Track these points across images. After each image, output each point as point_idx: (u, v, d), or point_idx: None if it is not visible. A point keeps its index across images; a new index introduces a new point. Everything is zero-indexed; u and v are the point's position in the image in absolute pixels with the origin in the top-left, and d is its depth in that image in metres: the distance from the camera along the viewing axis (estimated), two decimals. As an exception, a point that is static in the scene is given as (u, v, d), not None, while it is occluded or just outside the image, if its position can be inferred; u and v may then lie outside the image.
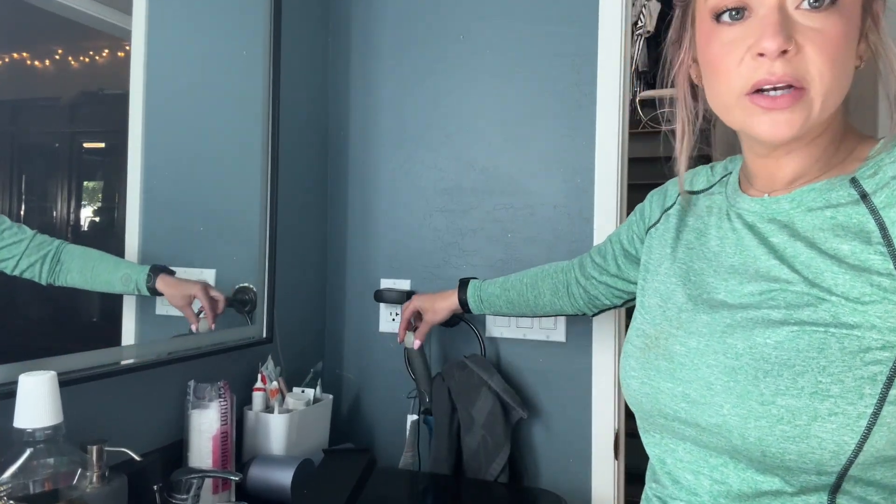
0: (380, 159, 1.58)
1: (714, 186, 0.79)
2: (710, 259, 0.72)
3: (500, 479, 1.30)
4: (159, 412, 1.13)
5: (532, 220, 1.45)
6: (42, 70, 0.92)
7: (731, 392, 0.61)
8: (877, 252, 0.58)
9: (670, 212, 0.83)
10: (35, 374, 0.77)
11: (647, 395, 0.70)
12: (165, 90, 1.11)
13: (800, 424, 0.57)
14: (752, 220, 0.69)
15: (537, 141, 1.45)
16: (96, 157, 1.03)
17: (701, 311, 0.68)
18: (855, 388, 0.56)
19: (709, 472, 0.66)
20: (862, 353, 0.57)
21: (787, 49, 0.59)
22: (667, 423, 0.69)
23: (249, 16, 1.30)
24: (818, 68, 0.59)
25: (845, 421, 0.56)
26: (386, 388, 1.56)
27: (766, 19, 0.60)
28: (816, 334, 0.58)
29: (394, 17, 1.56)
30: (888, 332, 0.57)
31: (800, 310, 0.60)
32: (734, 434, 0.61)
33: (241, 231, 1.30)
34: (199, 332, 1.16)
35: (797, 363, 0.58)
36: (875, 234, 0.59)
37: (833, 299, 0.59)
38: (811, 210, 0.64)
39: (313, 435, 1.33)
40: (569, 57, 1.42)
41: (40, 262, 0.90)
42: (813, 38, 0.59)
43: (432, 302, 1.29)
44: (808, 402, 0.57)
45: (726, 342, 0.64)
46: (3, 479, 0.73)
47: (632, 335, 0.77)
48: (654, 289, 0.77)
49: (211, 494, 1.10)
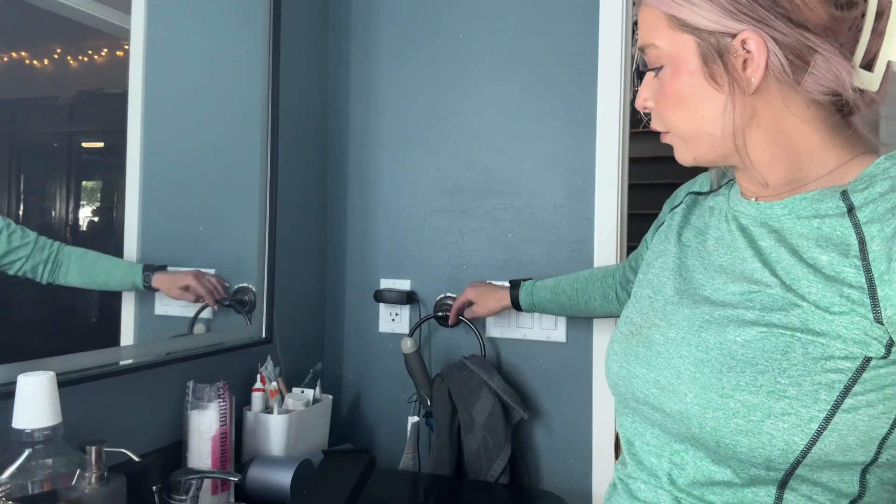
0: (380, 159, 1.58)
1: (721, 188, 0.82)
2: (703, 257, 0.75)
3: (500, 479, 1.30)
4: (158, 413, 1.12)
5: (532, 220, 1.45)
6: (41, 69, 0.92)
7: (695, 382, 0.65)
8: (852, 265, 0.60)
9: (676, 210, 0.87)
10: (34, 374, 0.77)
11: (624, 378, 0.75)
12: (164, 90, 1.11)
13: (753, 420, 0.61)
14: (745, 222, 0.72)
15: (537, 141, 1.45)
16: (95, 157, 1.03)
17: (684, 305, 0.72)
18: (811, 393, 0.59)
19: (669, 456, 0.70)
20: (823, 361, 0.59)
21: (646, 107, 0.75)
22: (638, 406, 0.73)
23: (249, 15, 1.30)
24: (665, 119, 0.72)
25: (797, 422, 0.59)
26: (385, 388, 1.56)
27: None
28: (783, 337, 0.61)
29: (394, 17, 1.56)
30: (852, 343, 0.59)
31: (773, 313, 0.63)
32: (693, 422, 0.65)
33: (240, 231, 1.29)
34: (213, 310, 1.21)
35: (760, 362, 0.61)
36: (854, 247, 0.61)
37: (805, 306, 0.61)
38: (801, 218, 0.67)
39: (313, 435, 1.32)
40: (569, 56, 1.42)
41: (43, 264, 0.92)
42: (657, 98, 0.72)
43: (485, 297, 1.35)
44: (764, 399, 0.60)
45: (700, 336, 0.67)
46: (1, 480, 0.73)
47: (621, 322, 0.82)
48: (648, 281, 0.81)
49: (210, 495, 1.10)
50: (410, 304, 1.53)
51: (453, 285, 1.51)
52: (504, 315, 1.45)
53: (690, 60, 0.68)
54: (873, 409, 0.59)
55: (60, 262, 0.94)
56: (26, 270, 0.90)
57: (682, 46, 0.68)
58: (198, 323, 1.19)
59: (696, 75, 0.68)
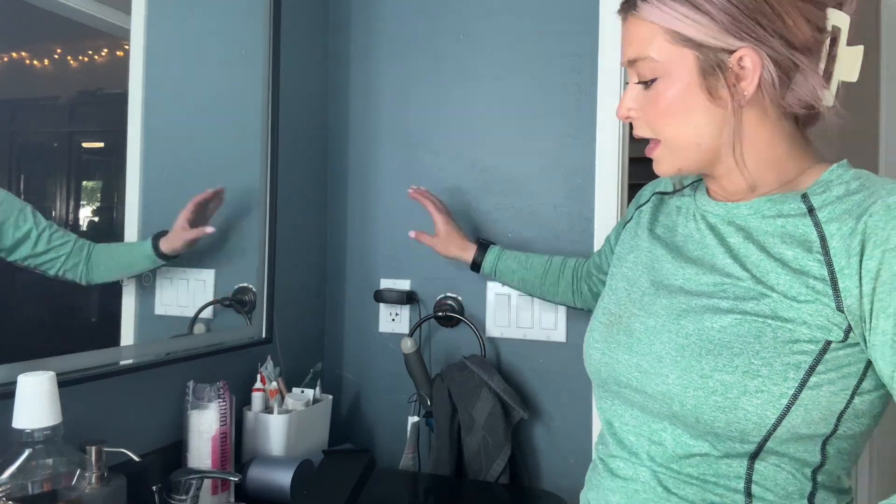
0: (380, 159, 1.58)
1: (686, 189, 0.89)
2: (674, 251, 0.81)
3: (500, 479, 1.30)
4: (158, 413, 1.12)
5: (532, 220, 1.45)
6: (41, 69, 0.92)
7: (677, 365, 0.71)
8: (815, 260, 0.67)
9: (643, 208, 0.93)
10: (34, 374, 0.77)
11: (606, 364, 0.80)
12: (164, 90, 1.11)
13: (730, 397, 0.67)
14: (714, 221, 0.78)
15: (537, 141, 1.45)
16: (95, 157, 1.03)
17: (661, 296, 0.78)
18: (781, 372, 0.66)
19: (648, 434, 0.76)
20: (791, 344, 0.66)
21: (629, 116, 0.78)
22: (619, 389, 0.79)
23: (249, 15, 1.30)
24: (654, 128, 0.76)
25: (769, 398, 0.66)
26: (385, 388, 1.56)
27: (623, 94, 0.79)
28: (756, 323, 0.68)
29: (394, 17, 1.56)
30: (815, 329, 0.66)
31: (745, 302, 0.70)
32: (675, 401, 0.71)
33: (240, 231, 1.30)
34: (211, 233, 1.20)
35: (736, 345, 0.68)
36: (816, 244, 0.68)
37: (774, 296, 0.68)
38: (766, 217, 0.74)
39: (313, 435, 1.32)
40: (569, 57, 1.42)
41: (82, 263, 0.95)
42: (645, 108, 0.76)
43: (451, 238, 1.32)
44: (740, 378, 0.67)
45: (679, 323, 0.73)
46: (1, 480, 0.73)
47: (598, 313, 0.87)
48: (622, 274, 0.87)
49: (210, 495, 1.10)
50: (410, 304, 1.53)
51: (453, 285, 1.51)
52: (504, 315, 1.45)
53: (687, 74, 0.72)
54: (833, 386, 0.67)
55: (94, 260, 0.97)
56: (66, 270, 0.93)
57: (680, 60, 0.72)
58: (198, 323, 1.19)
59: (692, 88, 0.72)
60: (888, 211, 0.64)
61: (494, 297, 1.47)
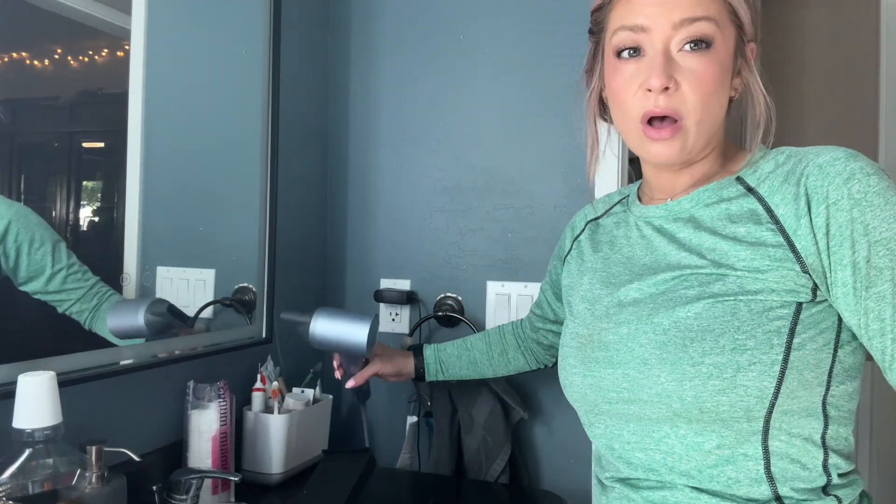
0: (380, 159, 1.58)
1: (615, 207, 0.92)
2: (625, 263, 0.82)
3: (500, 479, 1.30)
4: (159, 412, 1.13)
5: (532, 220, 1.45)
6: (41, 69, 0.92)
7: (664, 362, 0.71)
8: (768, 230, 0.70)
9: (581, 237, 0.95)
10: (34, 374, 0.77)
11: (591, 385, 0.79)
12: (165, 90, 1.11)
13: (726, 377, 0.68)
14: (659, 223, 0.80)
15: (537, 141, 1.45)
16: (95, 157, 1.03)
17: (625, 306, 0.78)
18: (766, 340, 0.68)
19: (655, 446, 0.74)
20: (766, 312, 0.68)
21: (668, 86, 0.72)
22: (611, 407, 0.77)
23: (249, 15, 1.30)
24: (692, 103, 0.73)
25: (762, 368, 0.67)
26: (385, 388, 1.56)
27: (653, 60, 0.73)
28: (728, 302, 0.69)
29: (393, 17, 1.56)
30: (784, 293, 0.69)
31: (711, 286, 0.71)
32: (674, 399, 0.70)
33: (240, 231, 1.30)
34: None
35: (716, 327, 0.69)
36: (764, 216, 0.71)
37: (738, 273, 0.70)
38: (708, 205, 0.76)
39: (313, 435, 1.32)
40: (569, 57, 1.42)
41: (89, 312, 0.97)
42: (689, 78, 0.72)
43: (388, 357, 1.19)
44: (730, 356, 0.68)
45: (653, 322, 0.73)
46: (2, 480, 0.73)
47: (566, 340, 0.86)
48: (580, 297, 0.86)
49: (210, 495, 1.10)
50: (410, 304, 1.53)
51: (453, 285, 1.51)
52: (504, 314, 1.45)
53: (727, 51, 0.74)
54: (815, 343, 0.69)
55: (102, 312, 0.98)
56: (73, 312, 0.94)
57: (730, 35, 0.74)
58: (198, 323, 1.19)
59: (728, 65, 0.74)
60: (821, 170, 0.68)
61: (494, 296, 1.47)
